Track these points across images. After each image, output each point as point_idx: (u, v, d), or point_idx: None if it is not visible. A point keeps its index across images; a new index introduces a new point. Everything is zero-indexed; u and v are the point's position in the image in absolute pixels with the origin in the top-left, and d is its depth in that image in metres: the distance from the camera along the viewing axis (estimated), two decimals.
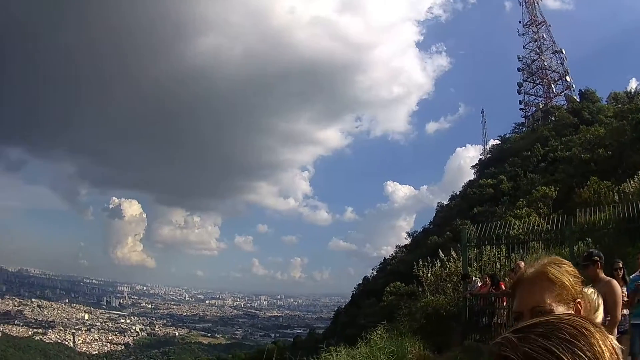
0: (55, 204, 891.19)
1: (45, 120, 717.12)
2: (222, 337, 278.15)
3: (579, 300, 2.44)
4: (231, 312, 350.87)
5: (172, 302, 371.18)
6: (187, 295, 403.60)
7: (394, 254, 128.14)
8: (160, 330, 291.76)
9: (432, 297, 25.56)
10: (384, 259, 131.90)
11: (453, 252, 28.08)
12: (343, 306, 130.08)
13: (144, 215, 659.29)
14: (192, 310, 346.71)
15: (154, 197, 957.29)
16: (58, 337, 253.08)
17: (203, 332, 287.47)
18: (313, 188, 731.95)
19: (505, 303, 21.19)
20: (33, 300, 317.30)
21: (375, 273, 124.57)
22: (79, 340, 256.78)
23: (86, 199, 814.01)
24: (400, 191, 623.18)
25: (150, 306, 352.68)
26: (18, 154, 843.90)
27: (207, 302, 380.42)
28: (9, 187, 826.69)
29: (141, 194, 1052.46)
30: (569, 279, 2.53)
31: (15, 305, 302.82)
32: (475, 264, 25.44)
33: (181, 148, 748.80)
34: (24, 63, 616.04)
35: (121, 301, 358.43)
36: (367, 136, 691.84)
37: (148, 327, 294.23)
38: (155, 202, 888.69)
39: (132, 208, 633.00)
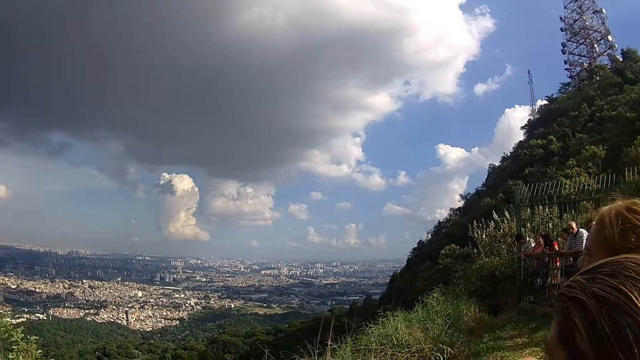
0: (104, 185, 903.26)
1: (87, 103, 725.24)
2: (278, 307, 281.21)
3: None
4: (287, 282, 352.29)
5: (227, 274, 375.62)
6: (242, 267, 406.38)
7: (448, 217, 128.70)
8: (216, 303, 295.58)
9: (487, 259, 26.19)
10: (439, 222, 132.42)
11: (506, 213, 28.62)
12: (399, 271, 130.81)
13: (196, 189, 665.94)
14: (247, 282, 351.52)
15: (206, 170, 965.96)
16: (110, 316, 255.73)
17: (259, 303, 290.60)
18: (365, 153, 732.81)
19: (558, 263, 21.89)
20: (84, 281, 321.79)
21: (430, 237, 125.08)
22: (132, 318, 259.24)
23: (135, 177, 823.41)
24: (452, 154, 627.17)
25: (204, 279, 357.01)
26: (61, 138, 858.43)
27: (262, 272, 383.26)
28: (53, 171, 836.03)
29: (192, 168, 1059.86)
30: (614, 232, 2.65)
31: (65, 288, 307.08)
32: (528, 225, 25.90)
33: (231, 120, 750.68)
34: (58, 49, 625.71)
35: (175, 276, 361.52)
36: (417, 100, 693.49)
37: (203, 301, 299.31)
38: (207, 175, 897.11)
39: (184, 183, 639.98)
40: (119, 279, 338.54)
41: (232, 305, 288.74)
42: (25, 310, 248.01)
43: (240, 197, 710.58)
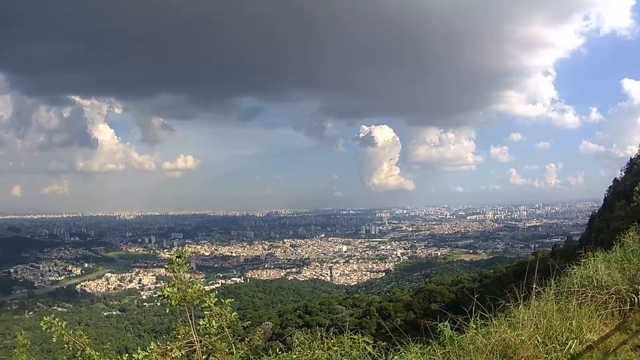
0: (301, 143, 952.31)
1: (279, 66, 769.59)
2: (483, 252, 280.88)
3: None
4: (492, 226, 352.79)
5: (433, 222, 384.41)
6: (447, 214, 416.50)
7: (638, 153, 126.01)
8: (422, 252, 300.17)
9: None
10: (630, 159, 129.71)
11: None
12: (596, 210, 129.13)
13: (397, 139, 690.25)
14: (453, 228, 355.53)
15: (405, 119, 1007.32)
16: (313, 273, 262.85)
17: (465, 250, 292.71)
18: (558, 91, 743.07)
19: None
20: (285, 240, 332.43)
21: (623, 174, 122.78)
22: (336, 273, 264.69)
23: (334, 132, 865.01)
24: (637, 88, 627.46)
25: (411, 229, 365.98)
26: (251, 103, 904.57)
27: (468, 218, 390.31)
28: (245, 136, 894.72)
29: (391, 117, 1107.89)
30: None
31: (265, 249, 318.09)
32: None
33: (425, 67, 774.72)
34: (247, 20, 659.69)
35: (381, 228, 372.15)
36: (597, 34, 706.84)
37: (409, 251, 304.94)
38: (407, 124, 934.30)
39: (384, 133, 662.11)
40: (322, 235, 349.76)
41: (439, 254, 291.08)
42: (220, 275, 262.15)
43: (441, 143, 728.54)
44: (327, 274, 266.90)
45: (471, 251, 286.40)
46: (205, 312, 8.52)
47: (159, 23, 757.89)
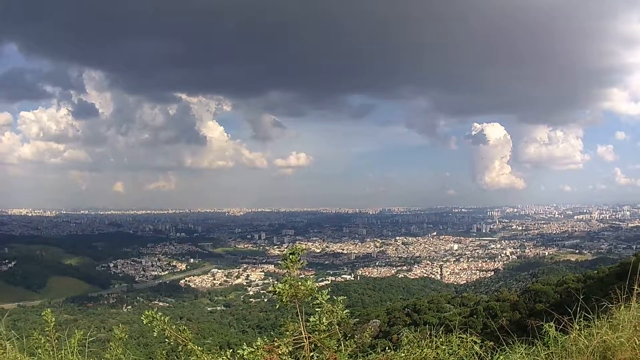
0: (414, 141, 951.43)
1: (388, 64, 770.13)
2: (588, 252, 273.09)
3: None
4: (597, 226, 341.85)
5: (542, 221, 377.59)
6: (556, 213, 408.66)
7: None
8: (530, 251, 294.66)
9: None
10: None
11: None
12: None
13: (508, 137, 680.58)
14: (560, 228, 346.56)
15: (516, 117, 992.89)
16: (424, 271, 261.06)
17: (571, 249, 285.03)
18: None
19: None
20: (397, 238, 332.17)
21: None
22: (446, 271, 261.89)
23: (446, 130, 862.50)
24: None
25: (520, 228, 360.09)
26: (361, 100, 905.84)
27: (575, 217, 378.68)
28: (358, 133, 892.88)
29: (502, 115, 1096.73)
30: None
31: (376, 247, 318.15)
32: None
33: (530, 65, 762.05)
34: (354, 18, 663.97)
35: (492, 226, 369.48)
36: None
37: (518, 250, 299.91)
38: (517, 121, 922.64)
39: (496, 131, 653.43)
40: (434, 234, 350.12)
41: (546, 253, 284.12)
42: (330, 272, 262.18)
43: (551, 141, 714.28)
44: (437, 272, 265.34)
45: (577, 251, 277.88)
46: (316, 309, 8.55)
47: (268, 21, 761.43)
